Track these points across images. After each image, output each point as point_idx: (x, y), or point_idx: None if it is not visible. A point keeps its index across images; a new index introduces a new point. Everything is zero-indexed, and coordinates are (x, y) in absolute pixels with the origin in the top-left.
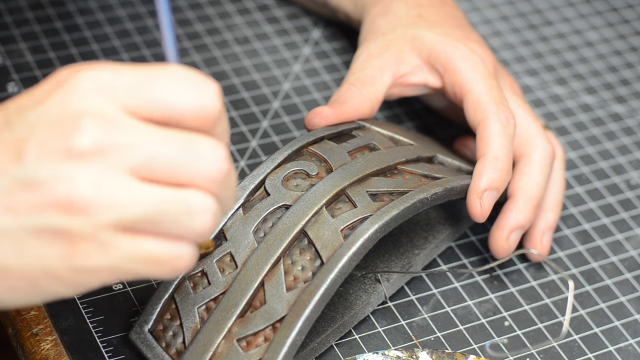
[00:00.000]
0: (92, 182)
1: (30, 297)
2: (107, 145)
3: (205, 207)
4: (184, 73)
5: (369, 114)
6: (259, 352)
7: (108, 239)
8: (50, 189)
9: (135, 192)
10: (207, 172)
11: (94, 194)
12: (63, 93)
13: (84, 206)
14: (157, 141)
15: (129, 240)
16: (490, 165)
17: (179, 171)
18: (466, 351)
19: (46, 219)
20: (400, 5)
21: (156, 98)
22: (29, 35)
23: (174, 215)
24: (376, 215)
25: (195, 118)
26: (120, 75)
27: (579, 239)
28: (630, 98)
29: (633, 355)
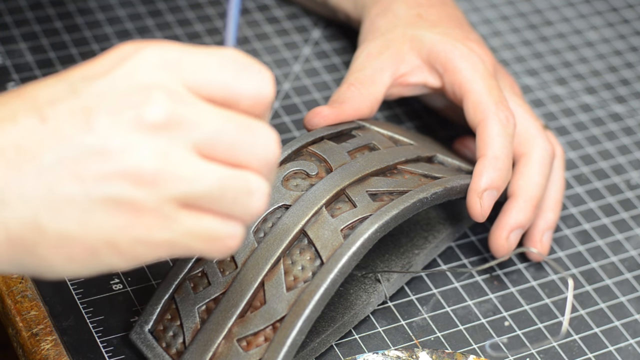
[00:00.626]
0: (161, 154)
1: (85, 268)
2: (176, 120)
3: (261, 188)
4: (244, 59)
5: (368, 114)
6: (259, 352)
7: (171, 213)
8: (120, 158)
9: (200, 169)
10: (264, 155)
11: (163, 166)
12: (130, 66)
13: (151, 178)
14: (220, 121)
15: (190, 216)
16: (490, 164)
17: (239, 152)
18: (466, 351)
19: (113, 188)
20: (400, 5)
21: (218, 79)
22: (29, 35)
23: (234, 194)
24: (376, 215)
25: (252, 102)
26: (185, 54)
27: (579, 239)
28: (630, 98)
29: (633, 355)
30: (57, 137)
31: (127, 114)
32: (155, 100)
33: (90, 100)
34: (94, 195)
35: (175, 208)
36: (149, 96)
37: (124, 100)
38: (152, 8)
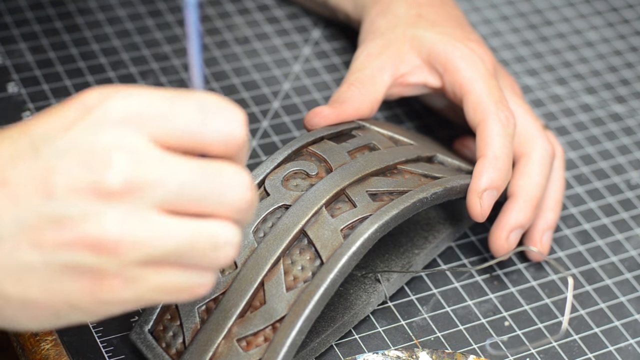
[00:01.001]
0: (121, 221)
1: (50, 324)
2: (136, 183)
3: (230, 239)
4: (211, 101)
5: (368, 114)
6: (259, 352)
7: (135, 274)
8: (79, 227)
9: (164, 228)
10: (234, 202)
11: (124, 233)
12: (92, 122)
13: (113, 246)
14: (185, 174)
15: (155, 273)
16: (490, 164)
17: (206, 203)
18: (466, 351)
19: (73, 256)
20: (399, 4)
21: (185, 128)
22: (29, 35)
23: (200, 248)
24: (376, 215)
25: (223, 146)
26: (149, 105)
27: (579, 239)
28: (630, 98)
29: (633, 355)
30: (16, 203)
31: (86, 179)
32: (114, 165)
33: (50, 162)
34: (54, 264)
35: (139, 269)
36: (108, 160)
37: (84, 163)
38: (152, 8)
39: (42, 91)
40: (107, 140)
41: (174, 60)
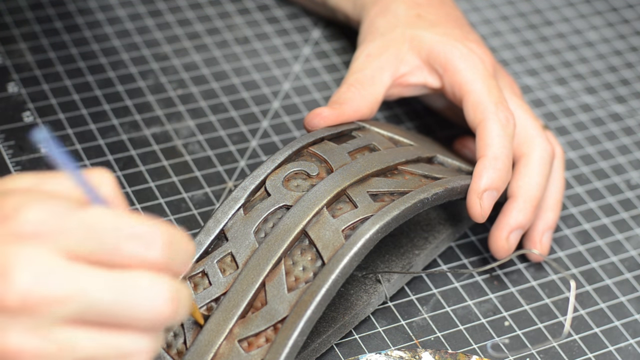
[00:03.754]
0: (22, 336)
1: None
2: (36, 299)
3: (140, 350)
4: (129, 223)
5: (368, 115)
6: (260, 353)
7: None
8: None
9: (67, 342)
10: (146, 317)
11: (23, 347)
12: (5, 231)
13: (13, 358)
14: (93, 288)
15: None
16: (490, 165)
17: (116, 317)
18: (466, 351)
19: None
20: (399, 5)
21: (101, 245)
22: (29, 35)
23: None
24: (377, 216)
25: (139, 265)
26: (64, 219)
27: (579, 239)
28: (630, 98)
29: (633, 355)
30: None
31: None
32: (15, 281)
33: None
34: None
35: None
36: (10, 275)
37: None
38: (152, 8)
39: (42, 91)
40: (14, 255)
41: (174, 60)
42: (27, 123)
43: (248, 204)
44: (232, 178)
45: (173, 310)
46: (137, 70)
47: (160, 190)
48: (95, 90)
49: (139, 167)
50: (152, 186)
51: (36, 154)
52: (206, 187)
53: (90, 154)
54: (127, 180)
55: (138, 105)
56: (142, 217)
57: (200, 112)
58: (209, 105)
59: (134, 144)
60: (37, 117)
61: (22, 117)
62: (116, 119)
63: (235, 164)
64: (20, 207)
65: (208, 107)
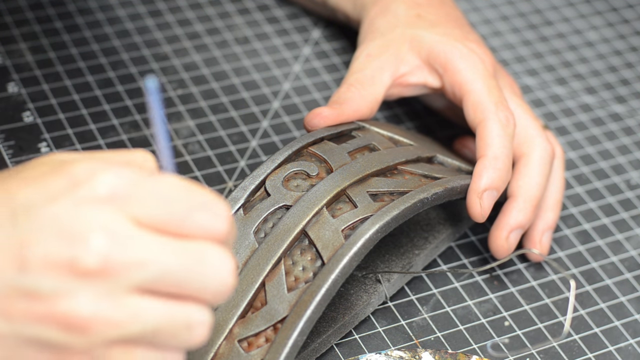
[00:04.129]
0: (94, 301)
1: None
2: (113, 264)
3: (203, 321)
4: (198, 192)
5: (368, 115)
6: (260, 353)
7: (102, 354)
8: (51, 302)
9: (137, 310)
10: (214, 288)
11: (95, 314)
12: (77, 198)
13: (83, 325)
14: (166, 257)
15: (123, 353)
16: (490, 165)
17: (187, 287)
18: (466, 351)
19: (42, 331)
20: (399, 5)
21: (170, 214)
22: (29, 35)
23: (173, 331)
24: (377, 215)
25: (206, 236)
26: (137, 186)
27: (579, 239)
28: (630, 98)
29: (633, 355)
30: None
31: (62, 256)
32: (92, 245)
33: (28, 234)
34: (21, 334)
35: (107, 349)
36: (87, 239)
37: (62, 239)
38: (152, 8)
39: (42, 91)
40: (90, 219)
41: (174, 60)
42: (27, 123)
43: (248, 204)
44: (232, 178)
45: (234, 283)
46: (137, 70)
47: None
48: (95, 90)
49: None
50: None
51: (36, 154)
52: (206, 187)
53: None
54: None
55: (138, 105)
56: (207, 189)
57: (200, 112)
58: (209, 105)
59: (134, 144)
60: (37, 117)
61: (22, 117)
62: (116, 119)
63: (235, 164)
64: (95, 172)
65: (208, 107)
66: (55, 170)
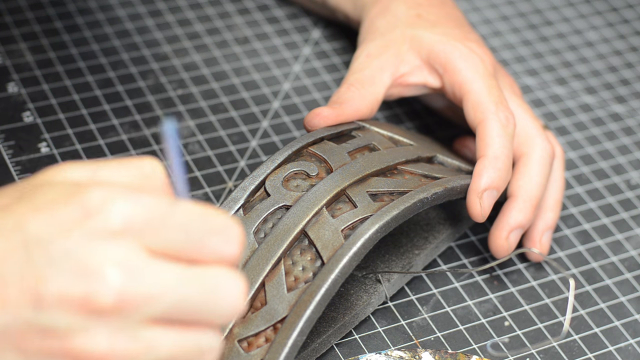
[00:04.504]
0: (110, 337)
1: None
2: (129, 299)
3: (214, 345)
4: (212, 216)
5: (368, 115)
6: (260, 353)
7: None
8: (67, 339)
9: (151, 342)
10: (227, 313)
11: (111, 350)
12: (90, 230)
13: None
14: (181, 287)
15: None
16: (490, 165)
17: (199, 314)
18: (466, 351)
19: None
20: (399, 5)
21: (183, 242)
22: (29, 35)
23: (184, 358)
24: (377, 215)
25: (219, 260)
26: (151, 213)
27: (579, 239)
28: (630, 98)
29: (633, 355)
30: (3, 305)
31: (77, 293)
32: (109, 281)
33: (42, 269)
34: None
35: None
36: (103, 275)
37: (77, 276)
38: (152, 8)
39: (42, 91)
40: (104, 253)
41: (174, 60)
42: (27, 123)
43: (248, 204)
44: (232, 178)
45: (243, 304)
46: (137, 70)
47: None
48: (95, 90)
49: None
50: None
51: (36, 154)
52: (206, 187)
53: (90, 154)
54: None
55: (138, 105)
56: (220, 212)
57: (200, 112)
58: (209, 105)
59: (134, 144)
60: (37, 117)
61: (22, 117)
62: (116, 119)
63: (235, 164)
64: (106, 202)
65: (208, 107)
66: (67, 198)
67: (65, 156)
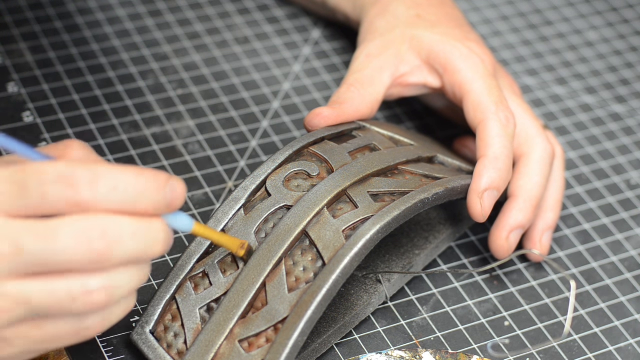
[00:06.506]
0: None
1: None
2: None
3: (89, 289)
4: (47, 168)
5: (368, 115)
6: (261, 353)
7: (8, 335)
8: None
9: (20, 297)
10: (81, 259)
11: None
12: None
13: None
14: (31, 241)
15: (32, 328)
16: (491, 165)
17: (56, 264)
18: (467, 351)
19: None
20: (399, 5)
21: (29, 198)
22: (29, 35)
23: (58, 304)
24: (378, 216)
25: (70, 208)
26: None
27: (579, 239)
28: (630, 98)
29: (633, 355)
30: None
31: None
32: None
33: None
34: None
35: (10, 330)
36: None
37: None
38: (152, 8)
39: (42, 91)
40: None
41: (174, 60)
42: (27, 123)
43: (249, 204)
44: (232, 178)
45: (104, 244)
46: (137, 70)
47: None
48: (95, 90)
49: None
50: None
51: None
52: (206, 187)
53: None
54: None
55: (138, 105)
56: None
57: (200, 112)
58: (209, 105)
59: (134, 144)
60: (37, 117)
61: (22, 117)
62: (116, 119)
63: (235, 164)
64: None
65: (208, 107)
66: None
67: None
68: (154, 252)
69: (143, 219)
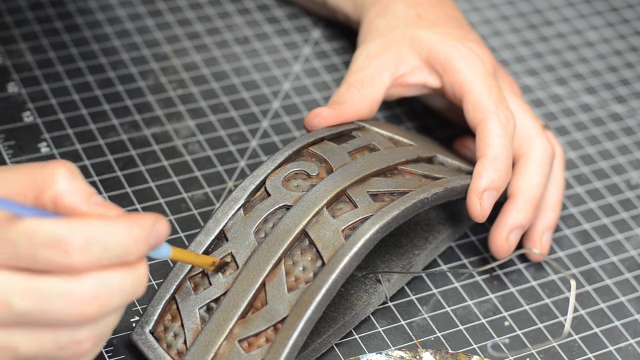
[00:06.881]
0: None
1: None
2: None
3: (77, 340)
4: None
5: (368, 115)
6: (260, 353)
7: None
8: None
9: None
10: (66, 318)
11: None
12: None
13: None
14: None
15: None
16: (490, 165)
17: (42, 319)
18: (467, 351)
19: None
20: (399, 5)
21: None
22: (29, 35)
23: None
24: (377, 216)
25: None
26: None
27: (579, 239)
28: (630, 98)
29: (633, 355)
30: None
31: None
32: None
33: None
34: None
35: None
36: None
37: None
38: (152, 8)
39: (42, 91)
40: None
41: (174, 60)
42: (27, 123)
43: (248, 204)
44: (232, 178)
45: (95, 306)
46: (137, 70)
47: (160, 190)
48: (95, 90)
49: (139, 167)
50: (152, 186)
51: (36, 154)
52: (206, 187)
53: (90, 154)
54: (127, 180)
55: (138, 105)
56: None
57: (200, 112)
58: (209, 105)
59: (134, 144)
60: (37, 117)
61: (22, 117)
62: (116, 119)
63: (235, 164)
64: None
65: (208, 107)
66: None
67: (65, 156)
68: (137, 296)
69: (130, 267)
